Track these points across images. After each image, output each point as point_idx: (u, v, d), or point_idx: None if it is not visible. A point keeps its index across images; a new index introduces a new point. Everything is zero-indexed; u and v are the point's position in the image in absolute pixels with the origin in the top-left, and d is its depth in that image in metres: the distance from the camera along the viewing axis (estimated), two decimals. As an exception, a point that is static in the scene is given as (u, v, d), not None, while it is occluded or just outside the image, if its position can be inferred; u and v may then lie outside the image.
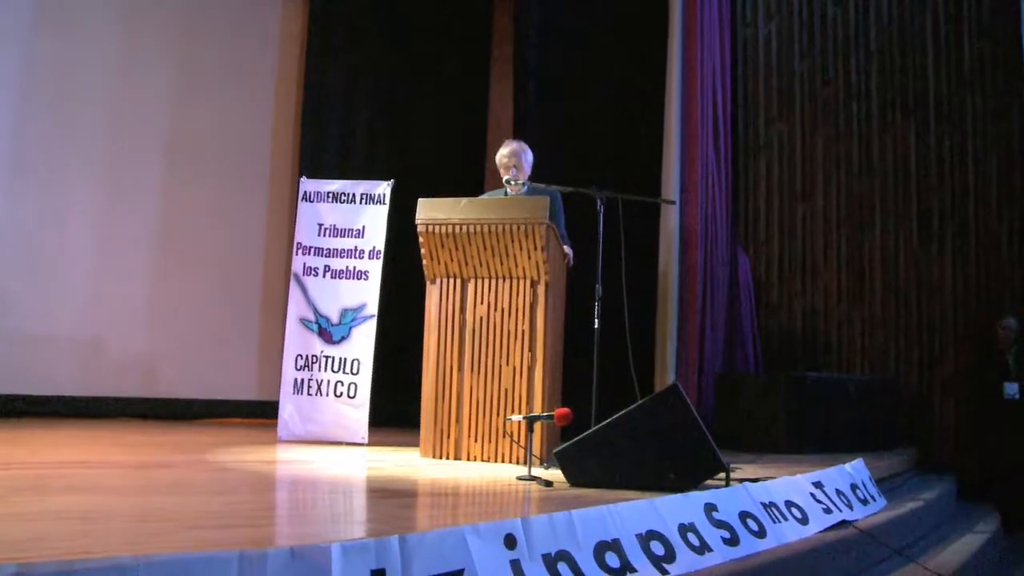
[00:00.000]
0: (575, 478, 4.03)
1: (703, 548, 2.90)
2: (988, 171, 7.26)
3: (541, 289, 4.97)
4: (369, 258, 6.20)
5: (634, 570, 2.61)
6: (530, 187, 5.42)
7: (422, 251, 5.15)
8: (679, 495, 3.17)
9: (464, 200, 5.12)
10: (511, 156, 5.49)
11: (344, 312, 6.16)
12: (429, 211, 5.11)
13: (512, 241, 4.94)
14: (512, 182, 5.39)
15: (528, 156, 5.53)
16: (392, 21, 9.02)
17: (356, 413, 6.02)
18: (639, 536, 2.74)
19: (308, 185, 6.41)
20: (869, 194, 7.61)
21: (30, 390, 7.36)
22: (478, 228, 4.98)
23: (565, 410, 4.27)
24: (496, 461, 4.90)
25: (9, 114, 7.54)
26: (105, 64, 8.01)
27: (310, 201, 6.36)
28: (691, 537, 2.90)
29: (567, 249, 5.32)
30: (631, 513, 2.79)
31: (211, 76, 8.52)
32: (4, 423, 6.55)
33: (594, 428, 4.16)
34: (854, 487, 4.21)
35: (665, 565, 2.70)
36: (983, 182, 7.27)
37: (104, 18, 8.02)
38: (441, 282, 5.17)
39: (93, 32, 7.95)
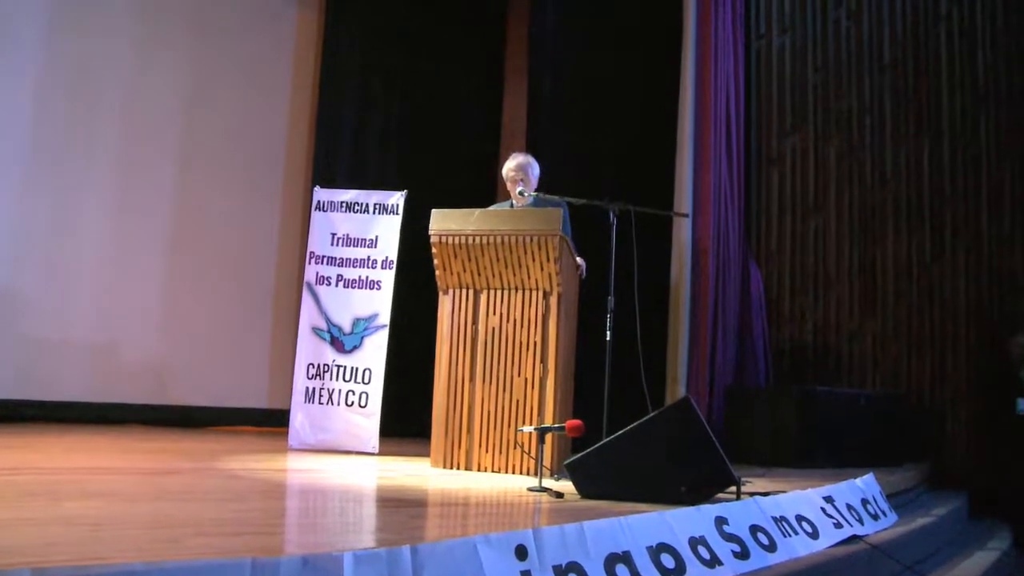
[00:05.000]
0: (586, 490, 4.03)
1: (714, 561, 2.89)
2: (1001, 185, 7.24)
3: (553, 300, 4.98)
4: (382, 268, 6.22)
5: (644, 583, 2.61)
6: (536, 198, 5.42)
7: (435, 261, 5.17)
8: (690, 508, 3.17)
9: (477, 211, 5.14)
10: (518, 169, 5.50)
11: (356, 321, 6.18)
12: (442, 222, 5.13)
13: (525, 252, 4.95)
14: (521, 194, 5.40)
15: (535, 169, 5.54)
16: (407, 30, 9.04)
17: (367, 422, 6.03)
18: (650, 549, 2.73)
19: (321, 194, 6.44)
20: (882, 207, 7.59)
21: (42, 395, 7.37)
22: (491, 239, 5.00)
23: (576, 422, 4.28)
24: (507, 472, 4.91)
25: (23, 119, 7.57)
26: (119, 68, 8.03)
27: (323, 210, 6.39)
28: (702, 550, 2.89)
29: (579, 260, 5.33)
30: (642, 525, 2.79)
31: (226, 82, 8.55)
32: (16, 428, 6.57)
33: (605, 440, 4.16)
34: (865, 502, 4.20)
35: (675, 578, 2.70)
36: (996, 196, 7.24)
37: (119, 22, 8.04)
38: (454, 293, 5.18)
39: (107, 36, 7.97)
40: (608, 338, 5.05)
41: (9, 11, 7.46)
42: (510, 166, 5.53)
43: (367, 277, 6.23)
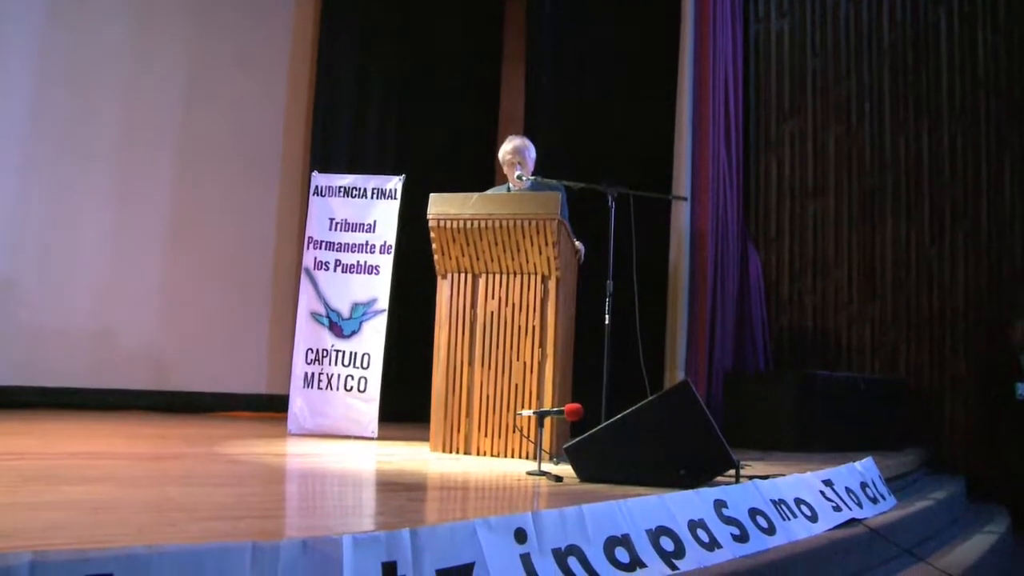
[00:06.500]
0: (585, 473, 4.04)
1: (713, 544, 2.90)
2: (1001, 169, 7.23)
3: (552, 284, 4.98)
4: (380, 253, 6.21)
5: (644, 565, 2.61)
6: (534, 182, 5.39)
7: (433, 246, 5.16)
8: (689, 491, 3.17)
9: (475, 195, 5.13)
10: (515, 152, 5.46)
11: (355, 306, 6.17)
12: (440, 206, 5.12)
13: (523, 236, 4.94)
14: (519, 178, 5.37)
15: (531, 152, 5.50)
16: (404, 15, 9.01)
17: (366, 407, 6.03)
18: (649, 532, 2.74)
19: (319, 179, 6.43)
20: (881, 192, 7.59)
21: (42, 382, 7.37)
22: (489, 223, 4.99)
23: (575, 406, 4.28)
24: (506, 456, 4.91)
25: (21, 109, 7.54)
26: (117, 58, 8.00)
27: (321, 195, 6.38)
28: (701, 533, 2.90)
29: (578, 244, 5.32)
30: (641, 508, 2.80)
31: (223, 70, 8.51)
32: (17, 415, 6.58)
33: (604, 424, 4.17)
34: (864, 485, 4.20)
35: (675, 561, 2.71)
36: (995, 180, 7.24)
37: (116, 13, 8.01)
38: (452, 277, 5.17)
39: (105, 27, 7.92)
40: (607, 322, 5.04)
41: (7, 2, 7.43)
42: (507, 149, 5.49)
43: (365, 262, 6.22)
